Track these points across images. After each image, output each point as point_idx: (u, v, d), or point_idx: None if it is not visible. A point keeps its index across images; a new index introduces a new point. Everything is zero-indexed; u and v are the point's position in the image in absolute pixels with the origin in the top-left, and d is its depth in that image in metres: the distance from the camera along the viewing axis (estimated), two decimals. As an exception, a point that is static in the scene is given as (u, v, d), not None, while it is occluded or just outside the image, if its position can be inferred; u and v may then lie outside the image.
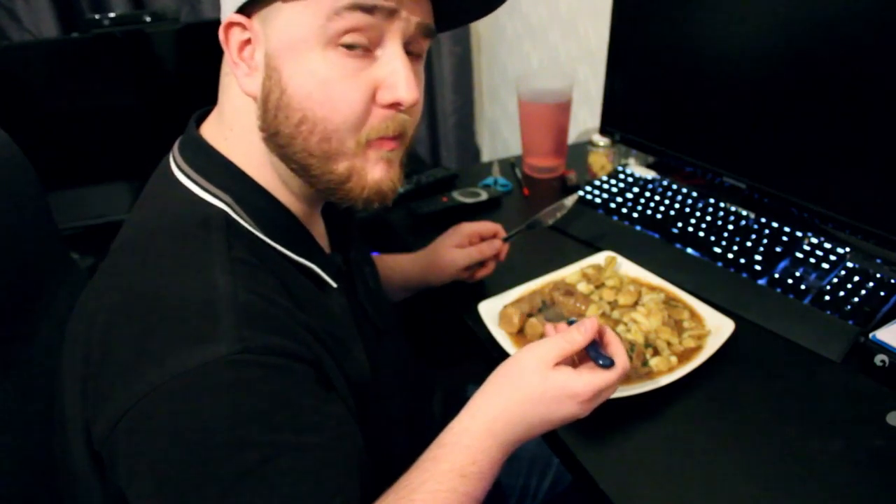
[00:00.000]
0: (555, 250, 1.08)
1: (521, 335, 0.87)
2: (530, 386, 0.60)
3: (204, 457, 0.48)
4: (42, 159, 0.78)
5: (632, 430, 0.75)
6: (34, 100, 1.46)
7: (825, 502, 0.66)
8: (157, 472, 0.49)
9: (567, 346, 0.62)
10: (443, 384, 1.11)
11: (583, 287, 0.94)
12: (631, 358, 0.78)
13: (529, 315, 0.87)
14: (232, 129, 0.62)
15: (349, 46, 0.55)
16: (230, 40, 0.57)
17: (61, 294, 0.79)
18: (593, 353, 0.63)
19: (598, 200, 1.18)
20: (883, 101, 0.86)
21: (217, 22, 0.59)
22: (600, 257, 1.00)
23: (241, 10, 0.57)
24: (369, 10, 0.54)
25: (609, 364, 0.62)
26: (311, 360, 0.55)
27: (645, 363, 0.80)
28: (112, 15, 1.46)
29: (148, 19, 1.46)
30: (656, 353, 0.82)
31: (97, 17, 1.43)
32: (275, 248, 0.61)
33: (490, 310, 0.90)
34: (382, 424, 0.69)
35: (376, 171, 0.61)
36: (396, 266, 1.00)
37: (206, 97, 0.68)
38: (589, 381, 0.60)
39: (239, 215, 0.60)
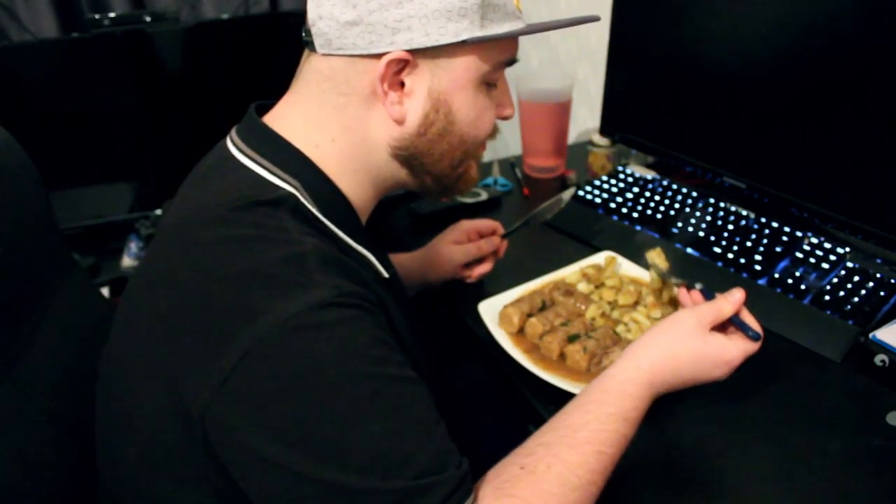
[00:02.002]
0: (555, 250, 1.07)
1: (521, 335, 0.87)
2: (693, 345, 0.67)
3: (321, 393, 0.51)
4: (42, 159, 0.78)
5: (632, 430, 0.75)
6: (34, 100, 1.46)
7: (825, 502, 0.66)
8: (277, 417, 0.51)
9: (720, 314, 0.70)
10: (442, 383, 1.11)
11: (583, 287, 0.94)
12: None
13: (529, 315, 0.87)
14: (334, 141, 0.66)
15: (491, 84, 0.69)
16: (388, 72, 0.63)
17: (63, 293, 0.79)
18: (741, 323, 0.70)
19: (598, 200, 1.18)
20: (883, 101, 0.86)
21: (217, 22, 0.60)
22: (600, 257, 1.00)
23: (409, 50, 0.63)
24: (511, 62, 0.71)
25: (758, 337, 0.69)
26: (386, 313, 0.62)
27: (645, 363, 0.80)
28: (112, 15, 1.46)
29: (148, 19, 1.46)
30: (656, 353, 0.81)
31: (97, 17, 1.44)
32: (337, 234, 0.65)
33: (490, 310, 0.90)
34: None
35: (475, 168, 0.75)
36: (396, 264, 1.00)
37: (205, 97, 0.68)
38: (742, 348, 0.68)
39: (306, 200, 0.63)
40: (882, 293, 0.88)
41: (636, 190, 1.18)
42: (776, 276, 0.94)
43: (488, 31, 0.64)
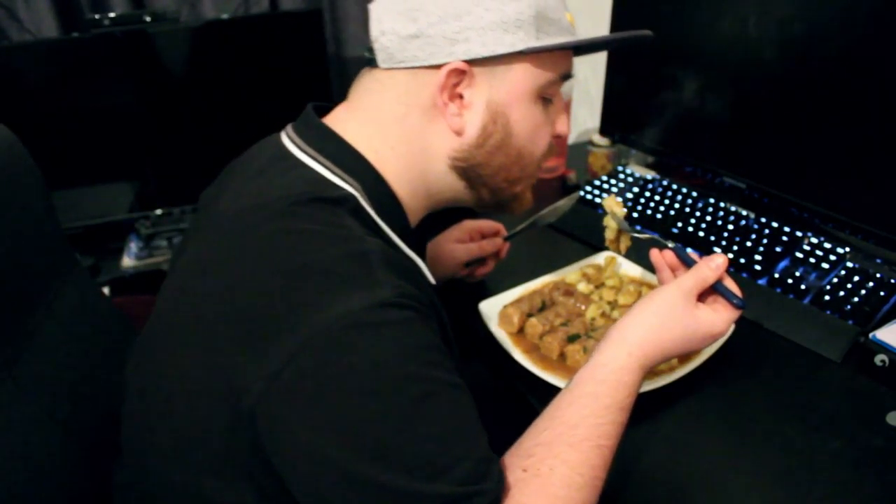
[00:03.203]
0: (555, 250, 1.08)
1: (521, 335, 0.87)
2: (682, 322, 0.67)
3: (377, 391, 0.52)
4: (41, 159, 0.78)
5: (632, 430, 0.74)
6: (34, 100, 1.46)
7: (825, 501, 0.66)
8: (330, 412, 0.51)
9: (702, 282, 0.69)
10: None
11: (583, 287, 0.94)
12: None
13: (529, 315, 0.87)
14: (393, 149, 0.68)
15: (547, 100, 0.71)
16: (448, 82, 0.65)
17: (65, 292, 0.79)
18: (725, 291, 0.69)
19: (598, 200, 1.18)
20: (883, 101, 0.86)
21: (217, 22, 0.60)
22: (600, 257, 1.00)
23: (467, 60, 0.65)
24: (566, 77, 0.72)
25: (743, 304, 0.69)
26: (438, 316, 0.63)
27: (645, 363, 0.80)
28: (112, 15, 1.46)
29: (148, 19, 1.46)
30: (656, 353, 0.81)
31: (97, 17, 1.44)
32: (392, 238, 0.66)
33: (490, 310, 0.90)
34: None
35: (529, 192, 0.77)
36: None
37: (205, 96, 0.68)
38: (728, 319, 0.69)
39: (365, 202, 0.65)
40: (882, 293, 0.88)
41: (636, 190, 1.18)
42: (776, 276, 0.94)
43: (544, 42, 0.66)
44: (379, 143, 0.68)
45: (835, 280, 0.92)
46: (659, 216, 1.11)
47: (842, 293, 0.89)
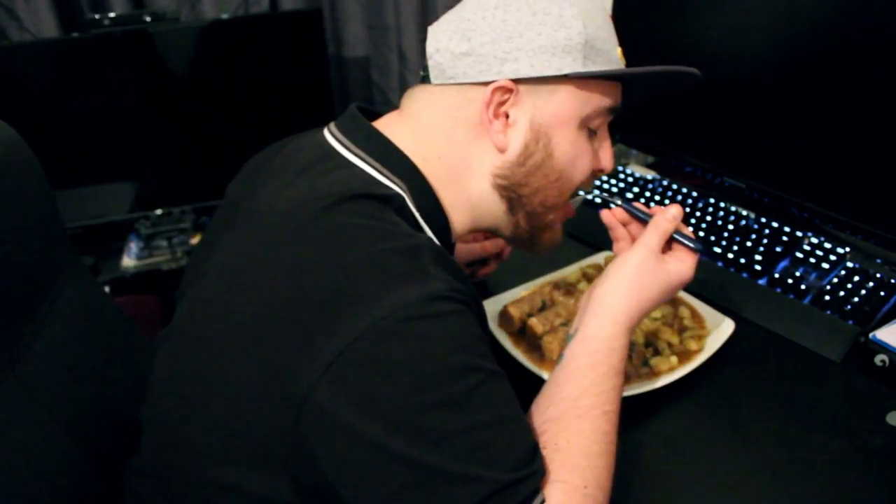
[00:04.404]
0: (555, 250, 1.07)
1: (521, 335, 0.87)
2: (657, 280, 0.69)
3: (431, 380, 0.53)
4: (42, 159, 0.78)
5: (632, 430, 0.74)
6: (34, 100, 1.46)
7: (825, 502, 0.66)
8: (385, 401, 0.52)
9: (664, 235, 0.71)
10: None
11: (583, 287, 0.94)
12: (631, 358, 0.78)
13: (529, 315, 0.87)
14: (441, 159, 0.69)
15: (592, 131, 0.72)
16: (493, 99, 0.67)
17: (67, 291, 0.79)
18: (683, 238, 0.71)
19: (598, 200, 1.18)
20: (883, 101, 0.87)
21: (217, 22, 0.60)
22: (600, 257, 1.00)
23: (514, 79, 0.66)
24: (614, 111, 0.73)
25: (701, 248, 0.71)
26: (480, 313, 0.64)
27: (645, 363, 0.80)
28: (112, 15, 1.46)
29: (148, 19, 1.46)
30: (656, 352, 0.82)
31: (97, 17, 1.44)
32: (433, 240, 0.66)
33: (490, 310, 0.90)
34: None
35: (559, 228, 0.78)
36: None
37: (206, 97, 0.68)
38: (693, 266, 0.71)
39: (411, 203, 0.66)
40: (882, 293, 0.88)
41: (636, 190, 1.18)
42: (776, 276, 0.95)
43: (590, 68, 0.67)
44: (427, 150, 0.69)
45: (835, 280, 0.92)
46: (659, 216, 1.11)
47: (842, 293, 0.89)
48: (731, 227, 1.05)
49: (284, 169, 0.70)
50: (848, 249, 0.96)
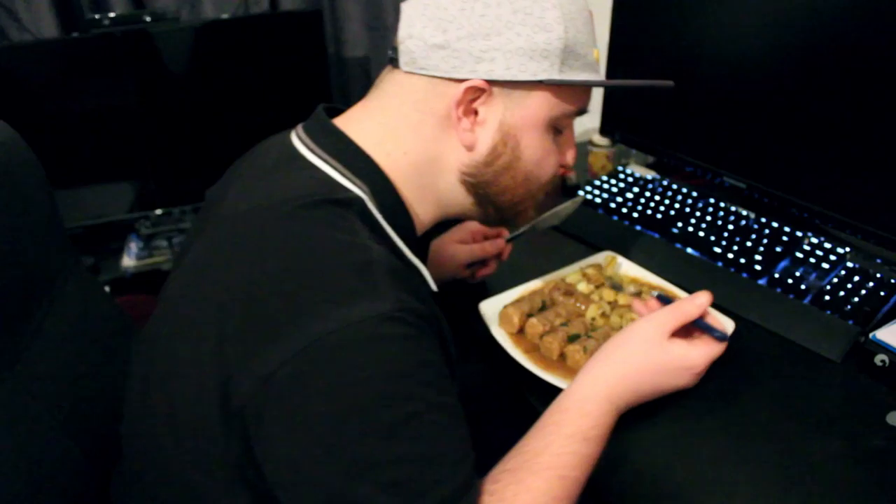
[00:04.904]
0: (555, 250, 1.07)
1: (521, 335, 0.87)
2: (650, 356, 0.67)
3: (366, 407, 0.51)
4: (41, 159, 0.78)
5: (632, 430, 0.74)
6: (34, 100, 1.46)
7: (825, 501, 0.66)
8: (317, 423, 0.51)
9: (682, 318, 0.69)
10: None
11: (583, 287, 0.94)
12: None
13: (529, 315, 0.87)
14: (406, 154, 0.68)
15: (559, 130, 0.71)
16: (465, 98, 0.65)
17: (67, 291, 0.79)
18: (705, 325, 0.69)
19: (598, 200, 1.18)
20: (883, 100, 0.87)
21: (217, 22, 0.60)
22: (600, 257, 1.00)
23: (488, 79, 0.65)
24: (581, 113, 0.72)
25: (724, 337, 0.68)
26: (440, 333, 0.61)
27: (645, 363, 0.80)
28: (112, 15, 1.46)
29: (148, 19, 1.46)
30: (656, 353, 0.81)
31: (97, 17, 1.43)
32: (397, 243, 0.66)
33: (490, 310, 0.90)
34: None
35: (532, 211, 0.76)
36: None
37: (205, 96, 0.68)
38: (705, 353, 0.68)
39: (372, 205, 0.65)
40: (882, 293, 0.88)
41: (636, 190, 1.18)
42: (776, 276, 0.94)
43: (566, 77, 0.66)
44: (391, 146, 0.67)
45: (835, 280, 0.92)
46: (659, 216, 1.11)
47: (842, 293, 0.89)
48: (731, 227, 1.05)
49: (251, 172, 0.70)
50: (848, 249, 0.96)
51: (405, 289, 0.57)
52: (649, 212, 1.12)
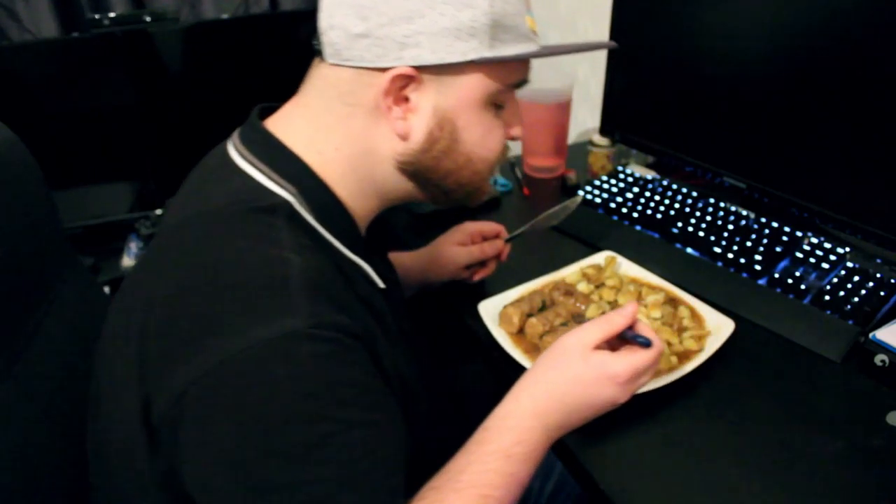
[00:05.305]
0: (555, 250, 1.07)
1: (521, 335, 0.87)
2: (570, 367, 0.64)
3: (274, 428, 0.50)
4: (41, 159, 0.78)
5: (632, 430, 0.75)
6: (34, 100, 1.46)
7: (825, 501, 0.66)
8: (222, 443, 0.51)
9: (607, 328, 0.66)
10: (443, 384, 1.11)
11: (583, 287, 0.94)
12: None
13: (529, 315, 0.87)
14: (338, 150, 0.65)
15: (499, 105, 0.68)
16: (393, 87, 0.62)
17: (66, 292, 0.79)
18: (630, 335, 0.66)
19: (598, 200, 1.18)
20: (883, 100, 0.86)
21: (217, 22, 0.60)
22: (600, 257, 1.00)
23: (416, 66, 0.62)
24: (521, 84, 0.69)
25: (647, 343, 0.65)
26: (368, 344, 0.59)
27: (645, 363, 0.80)
28: (112, 15, 1.46)
29: (148, 19, 1.46)
30: (656, 353, 0.82)
31: (97, 17, 1.43)
32: (332, 244, 0.64)
33: (490, 310, 0.90)
34: (416, 422, 0.71)
35: (485, 186, 0.74)
36: (397, 263, 1.00)
37: (205, 96, 0.68)
38: (627, 362, 0.64)
39: (302, 207, 0.63)
40: (882, 293, 0.88)
41: (636, 190, 1.18)
42: (776, 276, 0.94)
43: (497, 53, 0.63)
44: (322, 144, 0.65)
45: (835, 280, 0.92)
46: (659, 216, 1.11)
47: (842, 293, 0.89)
48: (731, 227, 1.05)
49: (191, 181, 0.69)
50: (848, 249, 0.96)
51: (326, 301, 0.55)
52: (649, 212, 1.12)
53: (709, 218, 1.08)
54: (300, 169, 0.64)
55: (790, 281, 0.93)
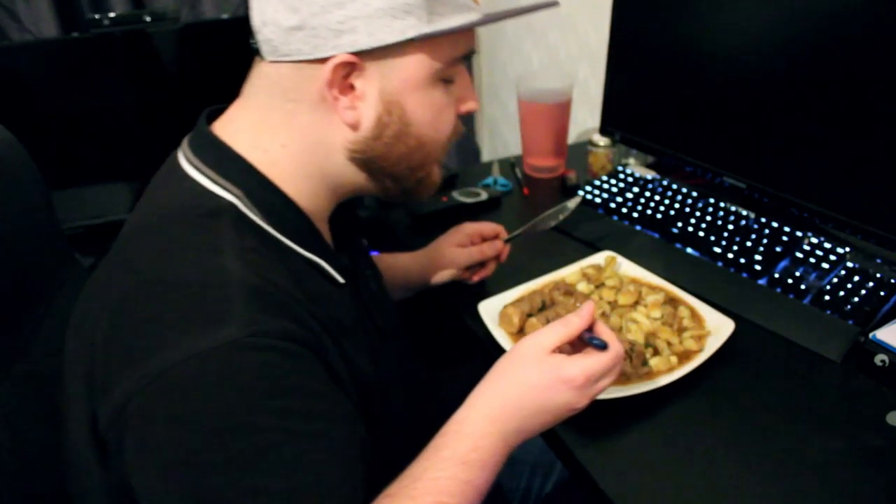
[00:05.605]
0: (555, 250, 1.07)
1: (521, 335, 0.87)
2: (526, 372, 0.62)
3: (212, 441, 0.49)
4: (42, 159, 0.78)
5: (632, 430, 0.75)
6: (34, 100, 1.46)
7: (825, 502, 0.66)
8: (164, 456, 0.50)
9: (564, 331, 0.64)
10: (442, 384, 1.11)
11: (583, 287, 0.94)
12: (631, 358, 0.78)
13: (529, 315, 0.87)
14: (284, 146, 0.64)
15: (448, 80, 0.66)
16: (335, 77, 0.60)
17: (64, 292, 0.79)
18: (587, 338, 0.64)
19: (598, 200, 1.18)
20: (883, 100, 0.86)
21: (217, 22, 0.60)
22: (600, 257, 1.00)
23: (355, 52, 0.60)
24: (469, 56, 0.67)
25: (602, 345, 0.63)
26: (317, 348, 0.57)
27: (645, 363, 0.80)
28: (112, 15, 1.46)
29: (148, 19, 1.46)
30: (656, 353, 0.82)
31: (97, 17, 1.44)
32: (283, 242, 0.63)
33: (490, 310, 0.90)
34: (383, 423, 0.70)
35: (437, 172, 0.72)
36: (397, 264, 1.00)
37: (205, 96, 0.68)
38: (582, 365, 0.61)
39: (249, 209, 0.61)
40: (882, 293, 0.88)
41: (636, 190, 1.18)
42: (776, 276, 0.94)
43: (437, 27, 0.61)
44: (268, 142, 0.64)
45: (835, 280, 0.92)
46: (659, 216, 1.11)
47: (842, 293, 0.89)
48: (731, 227, 1.05)
49: (147, 188, 0.68)
50: (848, 249, 0.96)
51: (268, 307, 0.54)
52: (649, 212, 1.12)
53: (709, 218, 1.08)
54: (245, 169, 0.63)
55: (790, 281, 0.93)
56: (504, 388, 0.62)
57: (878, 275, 0.90)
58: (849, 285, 0.90)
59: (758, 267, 0.96)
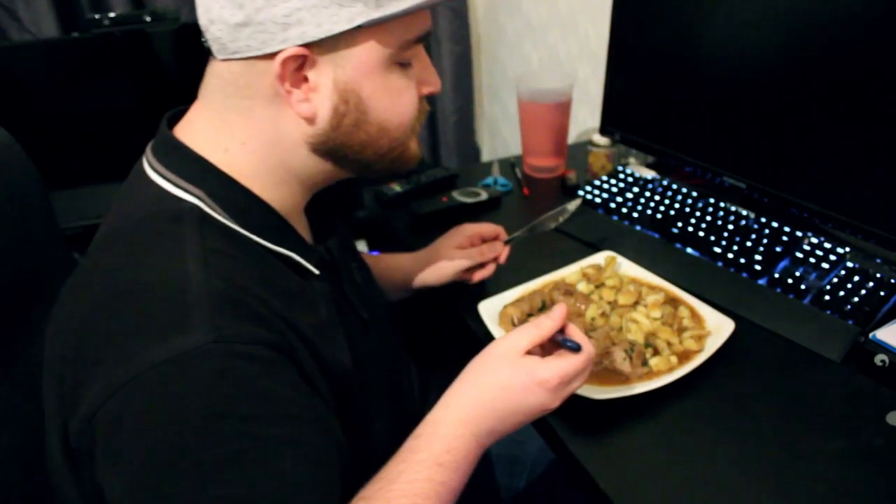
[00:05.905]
0: (555, 250, 1.08)
1: (521, 335, 0.87)
2: (499, 374, 0.62)
3: (177, 450, 0.49)
4: (41, 159, 0.78)
5: (632, 430, 0.75)
6: (34, 100, 1.46)
7: (825, 502, 0.66)
8: (131, 466, 0.50)
9: (536, 332, 0.64)
10: (441, 384, 1.11)
11: (583, 287, 0.94)
12: (631, 358, 0.78)
13: (529, 315, 0.87)
14: (244, 144, 0.63)
15: (405, 64, 0.65)
16: (286, 71, 0.59)
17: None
18: (559, 339, 0.65)
19: (598, 200, 1.18)
20: (883, 100, 0.86)
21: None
22: (600, 257, 1.00)
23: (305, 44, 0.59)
24: (425, 37, 0.65)
25: (576, 347, 0.63)
26: (286, 350, 0.56)
27: (645, 363, 0.80)
28: (112, 15, 1.46)
29: (148, 19, 1.46)
30: (656, 353, 0.82)
31: (97, 17, 1.44)
32: (251, 239, 0.63)
33: (490, 310, 0.90)
34: (365, 417, 0.70)
35: (413, 145, 0.70)
36: (396, 265, 1.00)
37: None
38: (556, 367, 0.62)
39: (212, 209, 0.61)
40: (882, 293, 0.88)
41: (636, 190, 1.18)
42: (776, 276, 0.94)
43: (385, 11, 0.59)
44: (227, 141, 0.63)
45: (835, 280, 0.92)
46: (659, 216, 1.11)
47: (842, 293, 0.89)
48: (731, 227, 1.05)
49: (116, 196, 0.68)
50: (848, 249, 0.96)
51: (232, 311, 0.53)
52: (649, 212, 1.12)
53: (709, 218, 1.08)
54: (206, 170, 0.63)
55: (790, 281, 0.93)
56: (478, 390, 0.62)
57: (878, 275, 0.90)
58: (849, 285, 0.90)
59: (758, 267, 0.96)
